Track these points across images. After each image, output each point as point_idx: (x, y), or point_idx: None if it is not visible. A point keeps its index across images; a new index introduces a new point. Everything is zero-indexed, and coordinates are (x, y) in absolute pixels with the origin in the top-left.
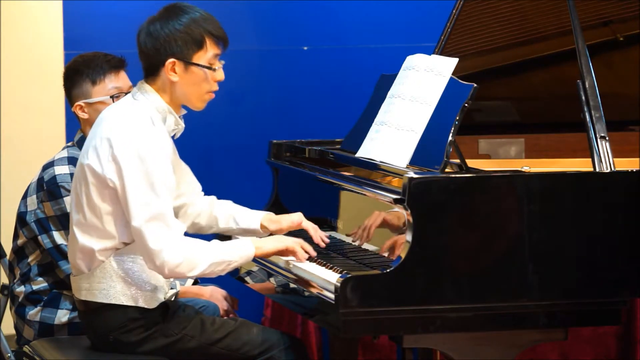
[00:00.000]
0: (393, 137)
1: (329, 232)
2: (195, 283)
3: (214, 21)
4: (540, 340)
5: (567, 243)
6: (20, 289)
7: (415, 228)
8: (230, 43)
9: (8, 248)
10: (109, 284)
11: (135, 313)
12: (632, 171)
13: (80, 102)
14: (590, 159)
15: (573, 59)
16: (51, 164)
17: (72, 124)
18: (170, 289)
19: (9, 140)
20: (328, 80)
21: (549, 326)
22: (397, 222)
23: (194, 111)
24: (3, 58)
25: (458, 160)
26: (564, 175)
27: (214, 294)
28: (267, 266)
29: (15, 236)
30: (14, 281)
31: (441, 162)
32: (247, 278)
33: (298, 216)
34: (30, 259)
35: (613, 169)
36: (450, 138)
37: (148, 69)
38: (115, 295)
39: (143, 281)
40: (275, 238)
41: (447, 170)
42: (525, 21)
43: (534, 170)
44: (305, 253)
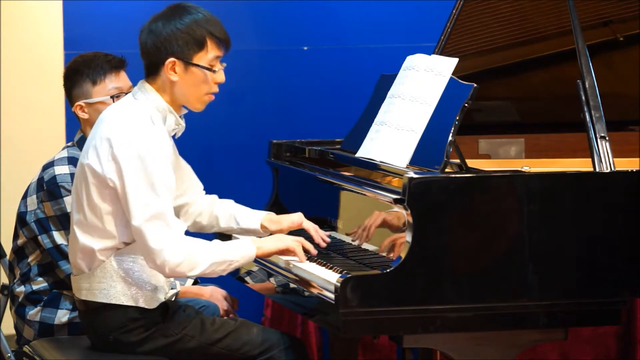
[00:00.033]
0: (393, 137)
1: (329, 232)
2: (195, 283)
3: (217, 23)
4: (540, 340)
5: (567, 243)
6: (20, 289)
7: (415, 228)
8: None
9: (8, 248)
10: (109, 283)
11: (135, 313)
12: (632, 171)
13: (81, 102)
14: (590, 159)
15: (573, 59)
16: (51, 164)
17: (72, 124)
18: (171, 289)
19: (9, 140)
20: (328, 80)
21: (549, 326)
22: (397, 222)
23: (194, 111)
24: (3, 58)
25: (458, 160)
26: (564, 175)
27: (214, 294)
28: (267, 266)
29: (15, 236)
30: (14, 281)
31: (441, 162)
32: (247, 278)
33: (298, 216)
34: (30, 259)
35: (613, 169)
36: (450, 138)
37: (149, 67)
38: (116, 295)
39: (143, 281)
40: (275, 237)
41: (447, 170)
42: (525, 21)
43: (534, 170)
44: (306, 252)
